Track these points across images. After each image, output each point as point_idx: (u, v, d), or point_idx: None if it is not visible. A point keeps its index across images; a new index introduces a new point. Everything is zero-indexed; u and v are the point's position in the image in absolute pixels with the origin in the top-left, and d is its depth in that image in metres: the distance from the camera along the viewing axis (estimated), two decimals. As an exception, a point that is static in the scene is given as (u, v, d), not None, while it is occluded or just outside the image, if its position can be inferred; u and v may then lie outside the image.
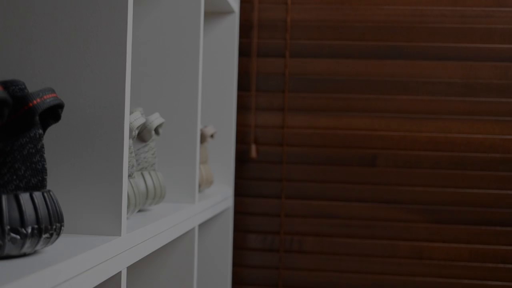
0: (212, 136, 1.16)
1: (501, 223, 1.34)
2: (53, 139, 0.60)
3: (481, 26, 1.35)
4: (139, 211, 0.83)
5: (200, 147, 1.10)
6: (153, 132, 0.83)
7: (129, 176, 0.73)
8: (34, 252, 0.49)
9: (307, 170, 1.39)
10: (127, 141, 0.61)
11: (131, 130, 0.74)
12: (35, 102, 0.48)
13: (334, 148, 1.38)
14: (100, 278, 0.54)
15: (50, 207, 0.48)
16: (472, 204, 1.35)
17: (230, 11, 1.32)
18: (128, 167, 0.72)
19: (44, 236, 0.47)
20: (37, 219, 0.46)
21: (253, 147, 1.39)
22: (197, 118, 0.96)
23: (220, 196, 1.19)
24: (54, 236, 0.49)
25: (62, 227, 0.50)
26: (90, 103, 0.60)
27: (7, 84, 0.48)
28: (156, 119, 0.83)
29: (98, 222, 0.60)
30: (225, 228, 1.33)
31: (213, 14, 1.33)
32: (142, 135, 0.82)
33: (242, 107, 1.41)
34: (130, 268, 0.95)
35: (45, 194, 0.48)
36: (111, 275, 0.57)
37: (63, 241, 0.55)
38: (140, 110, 0.79)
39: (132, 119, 0.75)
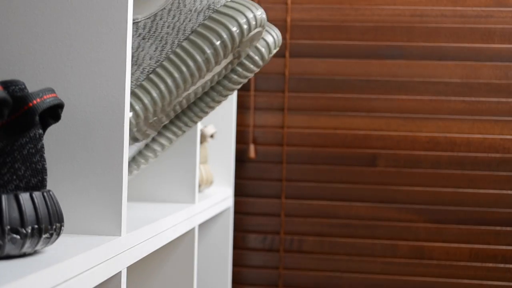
0: (212, 136, 1.16)
1: (501, 223, 1.34)
2: (53, 139, 0.60)
3: (481, 26, 1.35)
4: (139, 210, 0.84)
5: (200, 147, 1.10)
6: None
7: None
8: (34, 252, 0.49)
9: (307, 170, 1.39)
10: (127, 141, 0.61)
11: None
12: (35, 102, 0.48)
13: (334, 148, 1.38)
14: (100, 278, 0.54)
15: (50, 207, 0.48)
16: (472, 204, 1.34)
17: (230, 11, 1.32)
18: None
19: (44, 236, 0.47)
20: (37, 219, 0.46)
21: (252, 147, 1.39)
22: (197, 118, 0.95)
23: (220, 196, 1.19)
24: (54, 236, 0.49)
25: (62, 227, 0.50)
26: (90, 103, 0.60)
27: (7, 84, 0.48)
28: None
29: (98, 222, 0.60)
30: (225, 228, 1.33)
31: (213, 14, 1.33)
32: None
33: (242, 107, 1.41)
34: (130, 268, 0.95)
35: (45, 194, 0.48)
36: (111, 275, 0.57)
37: (63, 241, 0.55)
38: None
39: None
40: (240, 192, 1.41)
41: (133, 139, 0.75)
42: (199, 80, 0.70)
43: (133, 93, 0.69)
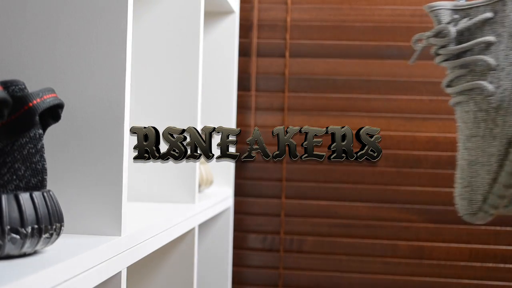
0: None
1: (501, 223, 1.34)
2: (53, 139, 0.60)
3: (481, 26, 1.35)
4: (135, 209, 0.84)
5: (200, 147, 1.10)
6: None
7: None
8: (34, 252, 0.49)
9: (307, 170, 1.39)
10: (127, 141, 0.61)
11: None
12: (35, 102, 0.48)
13: (334, 148, 1.38)
14: (100, 278, 0.54)
15: (50, 207, 0.48)
16: (472, 204, 1.34)
17: (230, 11, 1.32)
18: None
19: (44, 236, 0.47)
20: (37, 219, 0.46)
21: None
22: (197, 118, 0.96)
23: (220, 196, 1.19)
24: (54, 236, 0.49)
25: (62, 227, 0.50)
26: (90, 103, 0.60)
27: (7, 84, 0.48)
28: None
29: (98, 222, 0.60)
30: (225, 228, 1.33)
31: (213, 14, 1.33)
32: None
33: (242, 107, 1.41)
34: (130, 268, 0.95)
35: (45, 194, 0.48)
36: (111, 275, 0.57)
37: (63, 241, 0.55)
38: None
39: None
40: (240, 192, 1.41)
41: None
42: None
43: None
